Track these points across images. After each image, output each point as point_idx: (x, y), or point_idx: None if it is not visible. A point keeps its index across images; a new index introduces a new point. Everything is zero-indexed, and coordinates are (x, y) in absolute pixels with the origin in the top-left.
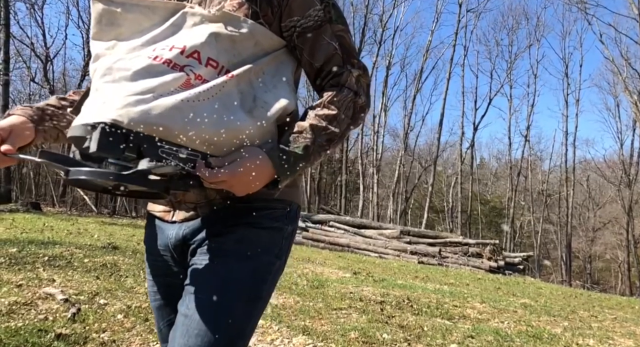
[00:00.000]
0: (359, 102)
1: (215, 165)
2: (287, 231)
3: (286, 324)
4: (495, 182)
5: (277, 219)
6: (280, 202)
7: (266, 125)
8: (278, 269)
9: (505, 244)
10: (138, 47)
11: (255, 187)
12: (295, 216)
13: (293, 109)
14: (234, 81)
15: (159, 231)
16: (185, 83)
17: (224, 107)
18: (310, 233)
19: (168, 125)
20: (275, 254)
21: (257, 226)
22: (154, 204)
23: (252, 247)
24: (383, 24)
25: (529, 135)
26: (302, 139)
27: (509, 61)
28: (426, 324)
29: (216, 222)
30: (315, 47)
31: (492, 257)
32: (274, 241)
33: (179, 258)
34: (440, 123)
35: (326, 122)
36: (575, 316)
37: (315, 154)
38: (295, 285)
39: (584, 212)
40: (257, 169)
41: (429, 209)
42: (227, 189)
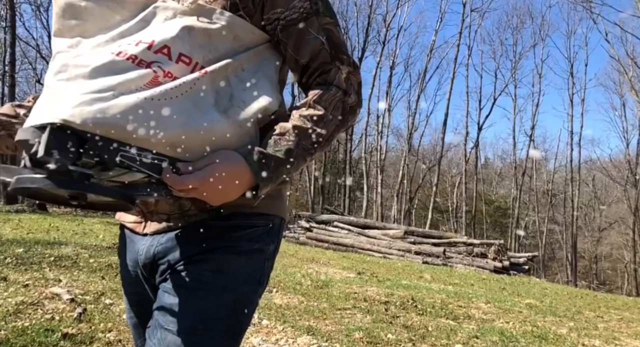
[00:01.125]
0: (349, 101)
1: (184, 171)
2: (269, 252)
3: (291, 324)
4: (500, 182)
5: (257, 239)
6: (261, 217)
7: (244, 126)
8: (260, 295)
9: (510, 244)
10: (102, 43)
11: (232, 195)
12: (279, 231)
13: (275, 108)
14: (207, 78)
15: (129, 243)
16: (152, 81)
17: (195, 106)
18: (314, 233)
19: (127, 125)
20: (257, 281)
21: (235, 250)
22: (124, 213)
23: (231, 278)
24: (387, 24)
25: (533, 134)
26: (284, 142)
27: (513, 61)
28: (431, 325)
29: (190, 243)
30: (300, 42)
31: (497, 257)
32: (255, 266)
33: (149, 276)
34: (445, 123)
35: (312, 123)
36: (581, 317)
37: (299, 158)
38: (299, 285)
39: (589, 212)
40: (232, 174)
41: (433, 209)
42: (200, 197)
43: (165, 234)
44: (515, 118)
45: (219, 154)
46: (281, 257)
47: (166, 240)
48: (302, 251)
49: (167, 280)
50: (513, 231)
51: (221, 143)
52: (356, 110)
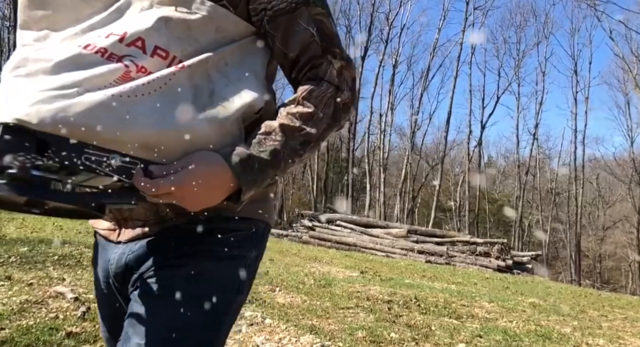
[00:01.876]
0: (341, 98)
1: (158, 174)
2: (250, 258)
3: (294, 323)
4: (504, 180)
5: (238, 244)
6: (244, 221)
7: (225, 125)
8: (238, 305)
9: (514, 243)
10: (71, 36)
11: (212, 200)
12: (262, 237)
13: (261, 105)
14: (185, 73)
15: (101, 252)
16: (124, 76)
17: (170, 103)
18: (317, 232)
19: (92, 125)
20: (235, 290)
21: (212, 256)
22: (98, 219)
23: (206, 286)
24: (389, 23)
25: (537, 133)
26: (270, 142)
27: (516, 59)
28: (434, 324)
29: (164, 248)
30: (288, 34)
31: (500, 256)
32: (234, 274)
33: (121, 287)
34: (448, 121)
35: (300, 121)
36: (585, 316)
37: (286, 160)
38: (302, 284)
39: (593, 211)
40: (211, 177)
41: (436, 208)
42: (177, 202)
43: (140, 241)
44: (518, 116)
45: (196, 156)
46: (284, 256)
47: (139, 247)
48: (304, 250)
49: (138, 288)
50: (516, 229)
51: (200, 143)
52: (349, 108)
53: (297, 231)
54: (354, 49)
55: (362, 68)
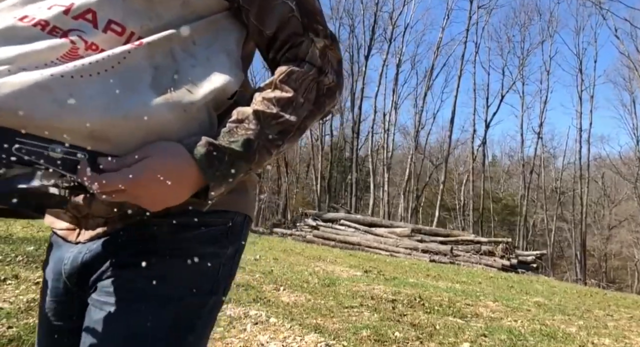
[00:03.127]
0: (325, 81)
1: (108, 168)
2: (226, 255)
3: (298, 322)
4: (508, 179)
5: (212, 240)
6: (218, 214)
7: (191, 111)
8: (213, 307)
9: (518, 242)
10: (8, 7)
11: (174, 198)
12: (241, 231)
13: (235, 89)
14: (143, 51)
15: (54, 252)
16: (69, 54)
17: (124, 85)
18: (320, 231)
19: (27, 109)
20: (207, 291)
21: (182, 253)
22: (55, 217)
23: (173, 287)
24: (393, 22)
25: (541, 132)
26: (242, 131)
27: (521, 57)
28: (438, 323)
29: (127, 245)
30: (265, 9)
31: (505, 255)
32: (207, 273)
33: (77, 290)
34: (452, 121)
35: (278, 107)
36: (590, 315)
37: (261, 152)
38: (306, 283)
39: (599, 210)
40: (172, 172)
41: (440, 207)
42: (132, 201)
43: (100, 239)
44: (523, 115)
45: (155, 147)
46: (288, 256)
47: (97, 246)
48: (308, 249)
49: (96, 290)
50: (521, 228)
51: (159, 132)
52: (335, 94)
53: (301, 230)
54: (357, 48)
55: (365, 67)
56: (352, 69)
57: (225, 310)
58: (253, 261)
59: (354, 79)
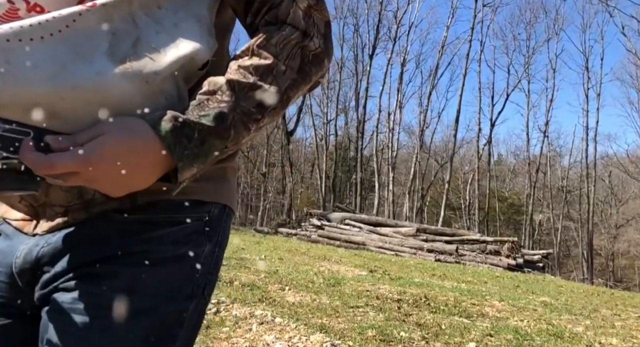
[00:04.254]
0: (311, 46)
1: (56, 147)
2: (206, 253)
3: (303, 322)
4: (513, 178)
5: (186, 239)
6: (194, 208)
7: (154, 82)
8: (195, 311)
9: (524, 242)
10: None
11: (137, 182)
12: (219, 225)
13: (207, 58)
14: (97, 14)
15: (3, 241)
16: (7, 15)
17: (73, 52)
18: (325, 231)
19: None
20: (187, 296)
21: (153, 257)
22: (8, 206)
23: (146, 297)
24: (398, 21)
25: (547, 130)
26: (214, 104)
27: (526, 56)
28: (444, 323)
29: (89, 244)
30: None
31: (511, 254)
32: (183, 277)
33: (27, 290)
34: (457, 119)
35: (255, 76)
36: (598, 315)
37: (238, 127)
38: (311, 283)
39: (606, 209)
40: (132, 152)
41: (445, 207)
42: (88, 185)
43: (59, 231)
44: (528, 114)
45: (112, 123)
46: (293, 255)
47: (57, 239)
48: (313, 249)
49: (54, 303)
50: (527, 227)
51: (118, 107)
52: (323, 61)
53: (306, 230)
54: (362, 47)
55: (370, 67)
56: (356, 68)
57: (231, 310)
58: (258, 260)
59: (358, 78)
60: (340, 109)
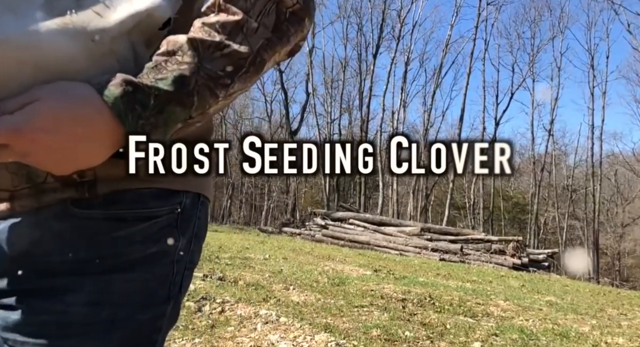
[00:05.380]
0: (287, 2)
1: None
2: (179, 249)
3: (308, 322)
4: (518, 177)
5: (157, 236)
6: (163, 198)
7: (102, 42)
8: (172, 311)
9: (529, 241)
10: None
11: (83, 158)
12: (193, 215)
13: (167, 15)
14: None
15: None
16: None
17: (3, 3)
18: (329, 231)
19: None
20: (162, 299)
21: (120, 262)
22: None
23: (116, 308)
24: (401, 20)
25: (552, 129)
26: (173, 65)
27: (531, 54)
28: (449, 322)
29: (44, 243)
30: None
31: (516, 253)
32: (157, 279)
33: None
34: (461, 118)
35: (222, 34)
36: (604, 314)
37: (202, 93)
38: (316, 282)
39: (611, 208)
40: (74, 121)
41: (450, 206)
42: (21, 161)
43: (5, 221)
44: (533, 112)
45: (48, 87)
46: (297, 255)
47: (4, 228)
48: (318, 249)
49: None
50: (532, 226)
51: (58, 69)
52: (303, 20)
53: (310, 230)
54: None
55: (373, 66)
56: (360, 67)
57: (235, 309)
58: (262, 260)
59: (362, 77)
60: (344, 108)
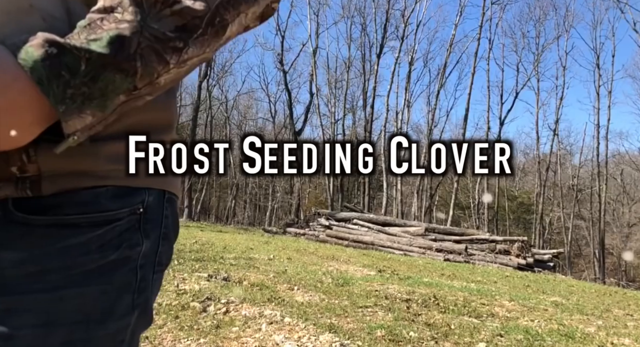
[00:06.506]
0: None
1: None
2: (144, 252)
3: (312, 322)
4: (523, 177)
5: (116, 242)
6: (121, 198)
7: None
8: (139, 320)
9: (534, 241)
10: None
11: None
12: (159, 213)
13: None
14: None
15: None
16: None
17: None
18: (334, 231)
19: None
20: (126, 310)
21: (75, 275)
22: None
23: (72, 328)
24: (405, 20)
25: (557, 129)
26: (110, 24)
27: (536, 53)
28: (453, 322)
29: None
30: None
31: (521, 254)
32: (118, 289)
33: None
34: (465, 118)
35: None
36: (610, 315)
37: (147, 57)
38: (320, 283)
39: (617, 208)
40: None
41: (454, 206)
42: None
43: None
44: (538, 112)
45: None
46: (301, 255)
47: None
48: (322, 249)
49: None
50: (537, 226)
51: None
52: None
53: (314, 230)
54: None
55: (377, 66)
56: (364, 67)
57: (240, 310)
58: (267, 260)
59: (366, 77)
60: (348, 108)
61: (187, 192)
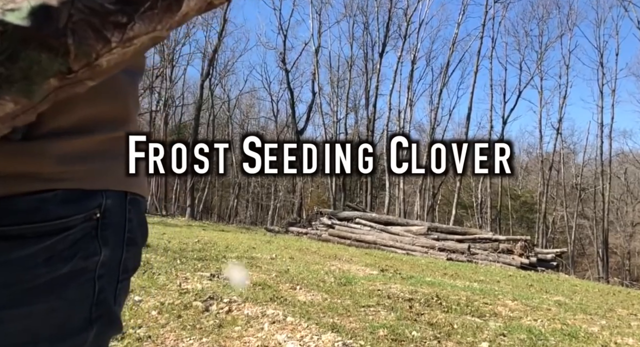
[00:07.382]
0: None
1: None
2: (102, 262)
3: (315, 321)
4: (526, 176)
5: (69, 252)
6: (74, 202)
7: None
8: (100, 332)
9: (537, 240)
10: None
11: None
12: (121, 217)
13: None
14: None
15: None
16: None
17: None
18: (336, 230)
19: None
20: (82, 325)
21: (17, 294)
22: None
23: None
24: (408, 18)
25: (561, 128)
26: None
27: (539, 52)
28: (456, 322)
29: None
30: None
31: (524, 253)
32: (72, 304)
33: None
34: (468, 117)
35: None
36: (614, 314)
37: (84, 34)
38: (322, 282)
39: (621, 207)
40: None
41: (457, 205)
42: None
43: None
44: (541, 111)
45: None
46: (304, 254)
47: None
48: (324, 248)
49: None
50: (540, 225)
51: None
52: None
53: (317, 229)
54: (372, 45)
55: (380, 65)
56: (366, 66)
57: (242, 309)
58: (269, 260)
59: (368, 76)
60: (350, 107)
61: (189, 192)
